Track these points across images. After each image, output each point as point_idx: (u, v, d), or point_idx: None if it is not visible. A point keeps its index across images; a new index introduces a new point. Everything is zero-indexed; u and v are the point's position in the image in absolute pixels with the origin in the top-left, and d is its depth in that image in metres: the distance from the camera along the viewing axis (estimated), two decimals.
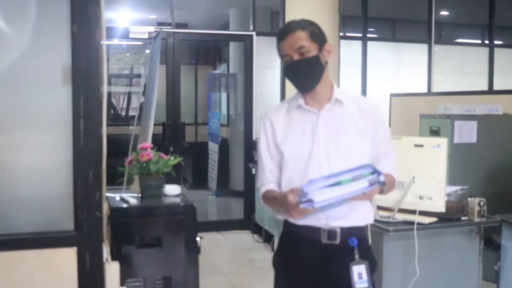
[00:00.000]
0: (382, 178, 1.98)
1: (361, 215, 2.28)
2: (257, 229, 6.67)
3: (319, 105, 2.32)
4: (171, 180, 3.90)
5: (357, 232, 2.27)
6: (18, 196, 1.71)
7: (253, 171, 6.49)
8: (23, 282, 1.65)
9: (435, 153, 3.25)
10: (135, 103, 11.31)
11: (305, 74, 2.27)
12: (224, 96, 9.83)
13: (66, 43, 1.63)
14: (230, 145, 9.13)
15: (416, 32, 9.37)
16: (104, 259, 1.76)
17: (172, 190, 3.06)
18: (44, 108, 1.71)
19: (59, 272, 1.70)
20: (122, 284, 1.88)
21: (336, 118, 2.30)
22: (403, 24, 9.66)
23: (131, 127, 8.16)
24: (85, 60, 1.65)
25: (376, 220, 3.00)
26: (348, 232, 2.23)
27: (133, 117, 9.34)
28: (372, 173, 1.98)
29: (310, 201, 1.92)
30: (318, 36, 2.27)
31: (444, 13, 9.27)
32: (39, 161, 1.72)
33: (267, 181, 2.36)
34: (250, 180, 6.90)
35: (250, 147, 7.00)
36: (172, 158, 3.01)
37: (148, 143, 4.10)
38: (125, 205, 2.92)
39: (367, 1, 8.28)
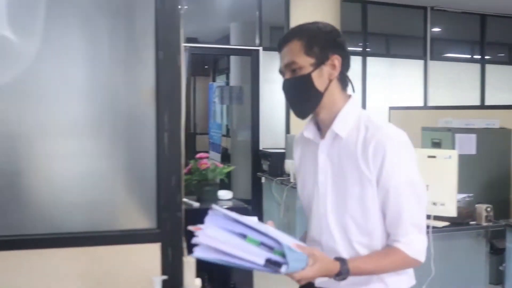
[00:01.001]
0: (283, 270, 1.52)
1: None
2: None
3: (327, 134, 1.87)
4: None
5: None
6: (109, 198, 1.95)
7: (263, 179, 6.82)
8: (117, 271, 1.86)
9: (447, 163, 3.57)
10: None
11: (293, 98, 1.82)
12: (225, 107, 10.06)
13: (151, 67, 1.89)
14: (231, 155, 9.37)
15: (409, 48, 9.69)
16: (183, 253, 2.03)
17: (224, 194, 3.35)
18: (135, 122, 1.96)
19: (146, 263, 1.94)
20: None
21: (335, 154, 1.83)
22: (397, 39, 9.97)
23: None
24: (169, 82, 1.90)
25: None
26: None
27: None
28: (282, 254, 1.53)
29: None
30: (319, 46, 1.75)
31: (436, 29, 9.60)
32: (128, 168, 1.96)
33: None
34: (258, 188, 7.20)
35: (257, 157, 7.30)
36: (226, 167, 3.31)
37: None
38: (190, 208, 3.15)
39: (367, 17, 8.62)
